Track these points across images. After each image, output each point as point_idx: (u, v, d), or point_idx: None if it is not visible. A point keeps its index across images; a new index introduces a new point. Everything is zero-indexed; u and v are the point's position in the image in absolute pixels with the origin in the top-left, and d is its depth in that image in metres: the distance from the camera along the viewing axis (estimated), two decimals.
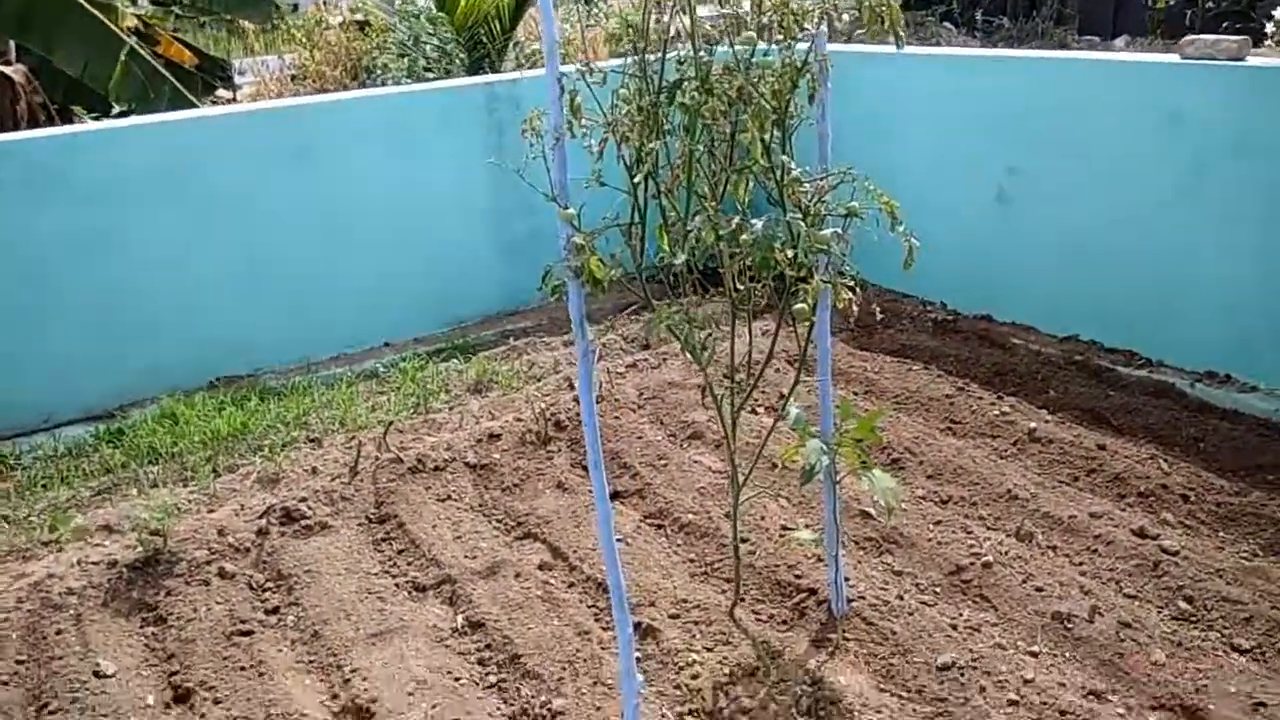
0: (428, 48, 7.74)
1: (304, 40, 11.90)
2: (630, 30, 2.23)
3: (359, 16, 12.35)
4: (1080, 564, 3.40)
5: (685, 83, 2.11)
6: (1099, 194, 4.80)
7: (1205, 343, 4.51)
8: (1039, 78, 5.08)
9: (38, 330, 4.65)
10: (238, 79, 12.41)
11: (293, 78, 11.25)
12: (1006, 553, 3.43)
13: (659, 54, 2.17)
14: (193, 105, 7.46)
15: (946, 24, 15.56)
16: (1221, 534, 3.48)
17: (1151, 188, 4.58)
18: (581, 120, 2.10)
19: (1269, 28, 6.05)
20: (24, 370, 4.65)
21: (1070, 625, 3.07)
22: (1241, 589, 3.15)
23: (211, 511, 3.96)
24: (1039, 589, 3.24)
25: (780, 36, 2.11)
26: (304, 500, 3.96)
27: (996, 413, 4.37)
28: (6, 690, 3.03)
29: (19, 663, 3.15)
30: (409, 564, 3.65)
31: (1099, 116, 4.73)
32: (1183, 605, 3.13)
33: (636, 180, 2.16)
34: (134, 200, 4.79)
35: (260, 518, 3.86)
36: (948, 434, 4.28)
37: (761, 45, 2.25)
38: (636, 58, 2.19)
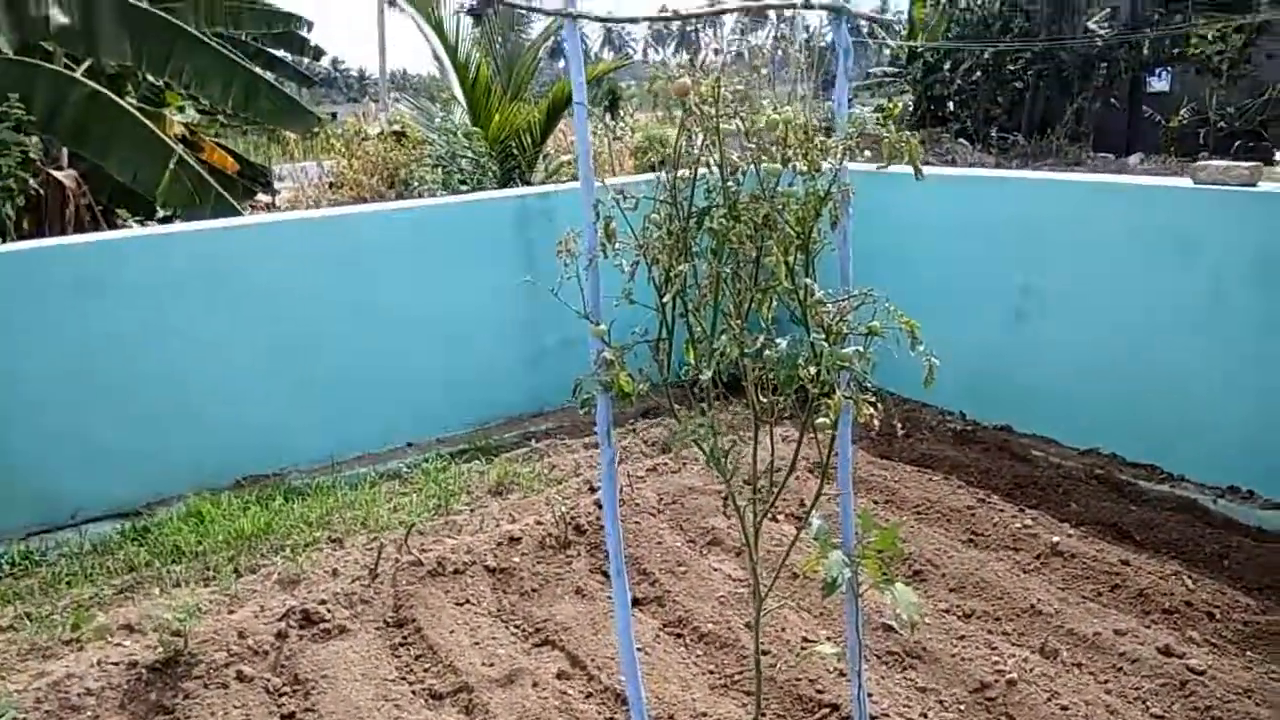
0: (463, 161, 8.05)
1: (342, 149, 12.41)
2: (657, 145, 2.35)
3: (396, 128, 12.88)
4: (1106, 682, 3.35)
5: (714, 209, 2.22)
6: (1116, 311, 4.89)
7: (1227, 459, 4.52)
8: (1054, 199, 5.24)
9: (75, 428, 4.75)
10: (277, 184, 12.90)
11: (330, 185, 11.69)
12: (1031, 670, 3.39)
13: (689, 180, 2.29)
14: (236, 211, 7.76)
15: (962, 140, 16.00)
16: (1249, 653, 3.43)
17: (1169, 307, 4.67)
18: (615, 243, 2.20)
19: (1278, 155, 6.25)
20: (58, 467, 4.74)
21: None
22: (1271, 711, 3.09)
23: (232, 612, 3.98)
24: (1064, 708, 3.19)
25: (804, 167, 2.22)
26: (324, 602, 3.97)
27: (1019, 525, 4.36)
28: None
29: None
30: (426, 670, 3.64)
31: (1114, 238, 4.86)
32: None
33: (665, 300, 2.25)
34: (172, 303, 4.96)
35: (280, 620, 3.86)
36: (970, 546, 4.27)
37: (787, 174, 2.37)
38: (667, 184, 2.31)
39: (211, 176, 8.21)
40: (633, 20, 2.52)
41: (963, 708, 3.26)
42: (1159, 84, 17.82)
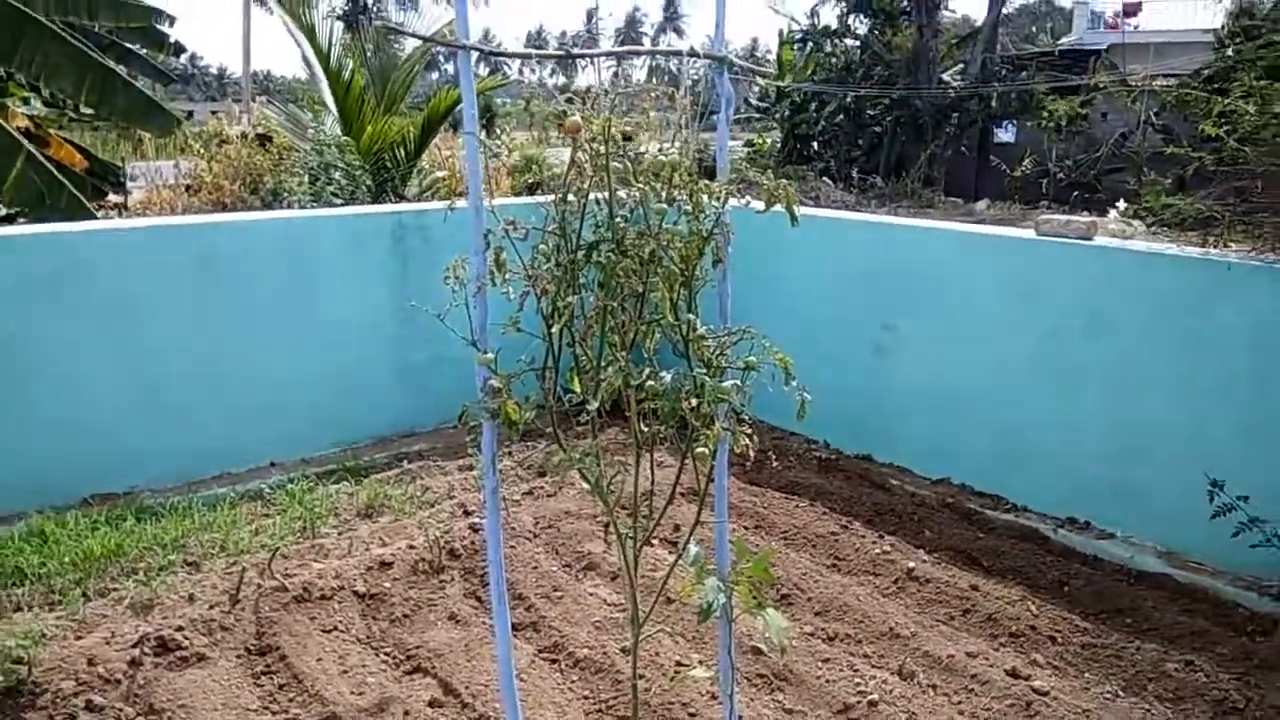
0: (336, 173, 7.86)
1: (201, 151, 11.89)
2: (534, 165, 2.39)
3: (260, 131, 12.44)
4: (959, 703, 3.54)
5: (602, 244, 2.28)
6: (968, 350, 5.21)
7: (1064, 491, 4.86)
8: (916, 243, 5.55)
9: None
10: (129, 185, 12.22)
11: (188, 188, 11.16)
12: (891, 691, 3.55)
13: (576, 212, 2.34)
14: (89, 212, 7.34)
15: (825, 179, 16.68)
16: (1087, 674, 3.69)
17: (1015, 348, 5.01)
18: (505, 273, 2.23)
19: (1112, 212, 6.84)
20: None
21: None
22: None
23: (80, 639, 3.75)
24: None
25: (690, 207, 2.31)
26: (180, 629, 3.80)
27: (878, 551, 4.57)
28: None
29: None
30: (290, 700, 3.52)
31: (969, 282, 5.19)
32: None
33: (555, 329, 2.29)
34: (13, 309, 4.65)
35: (133, 647, 3.67)
36: (833, 570, 4.45)
37: (671, 214, 2.45)
38: (555, 215, 2.35)
39: (63, 174, 7.74)
40: (526, 55, 2.56)
41: None
42: (1005, 135, 19.12)
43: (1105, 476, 4.70)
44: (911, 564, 4.42)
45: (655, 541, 4.60)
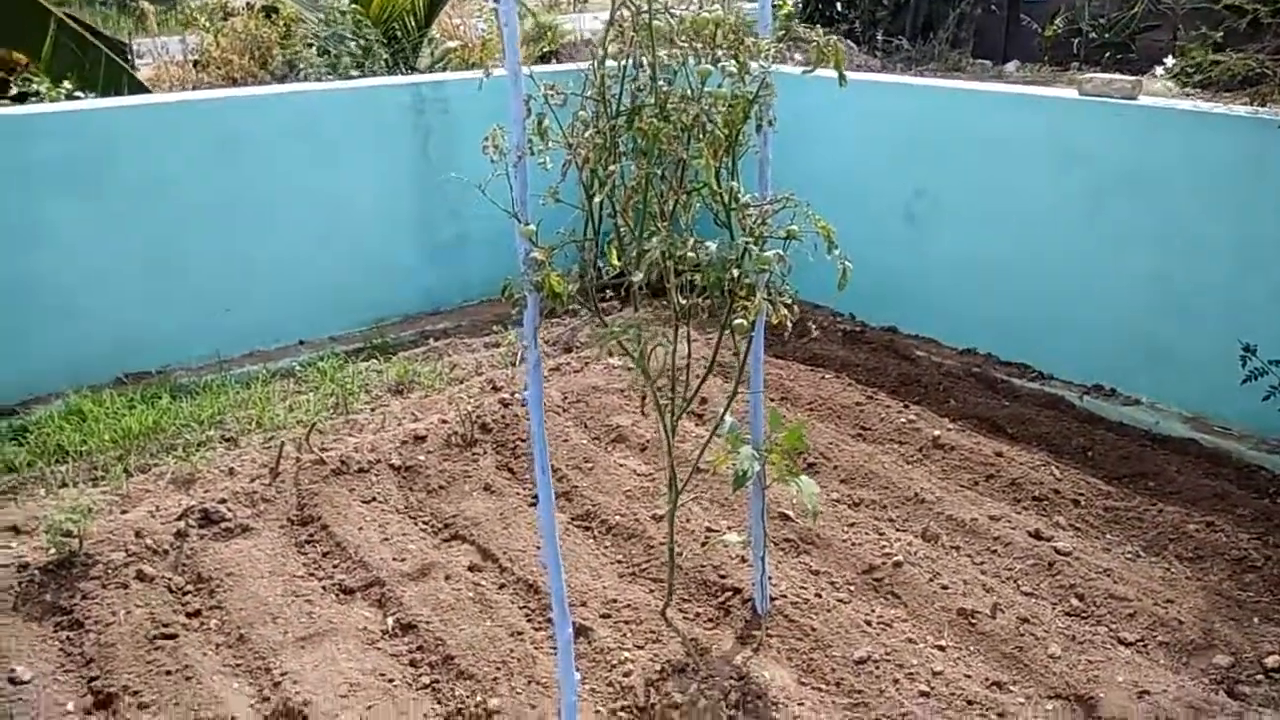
0: (352, 44, 7.61)
1: (206, 25, 11.52)
2: (548, 33, 2.31)
3: (265, 2, 12.01)
4: (982, 564, 3.64)
5: (644, 109, 2.21)
6: (999, 217, 5.12)
7: (1092, 358, 4.86)
8: (948, 106, 5.38)
9: None
10: (136, 62, 11.89)
11: (195, 64, 10.86)
12: (915, 553, 3.65)
13: (617, 77, 2.26)
14: (130, 75, 7.14)
15: (849, 42, 16.07)
16: (1108, 535, 3.78)
17: (1048, 212, 4.91)
18: (548, 142, 2.17)
19: (1158, 70, 6.57)
20: None
21: (974, 621, 3.30)
22: (1127, 587, 3.43)
23: (125, 513, 3.87)
24: (945, 587, 3.46)
25: (734, 69, 2.23)
26: (223, 502, 3.90)
27: (903, 420, 4.62)
28: None
29: None
30: (335, 567, 3.65)
31: (1003, 145, 5.05)
32: (1075, 602, 3.40)
33: (597, 200, 2.25)
34: (42, 187, 4.61)
35: (178, 519, 3.78)
36: (859, 440, 4.50)
37: (715, 75, 2.37)
38: (595, 80, 2.28)
39: (97, 39, 7.49)
40: None
41: (853, 588, 3.50)
42: None
43: (1135, 343, 4.69)
44: (936, 432, 4.47)
45: (691, 416, 4.65)
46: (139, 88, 7.00)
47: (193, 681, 3.02)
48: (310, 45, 7.95)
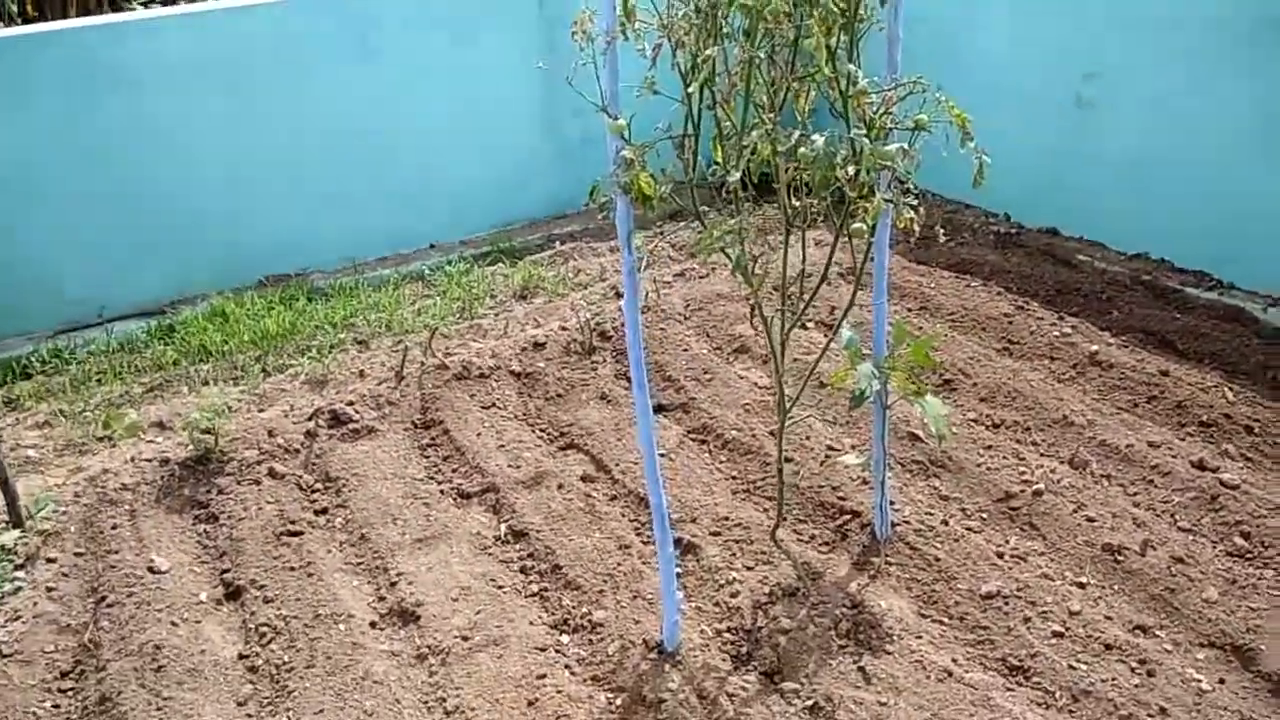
0: None
1: None
2: None
3: None
4: (1135, 495, 3.30)
5: None
6: (1184, 106, 4.51)
7: None
8: None
9: (89, 221, 4.67)
10: None
11: None
12: (1059, 481, 3.35)
13: None
14: None
15: None
16: None
17: (1243, 104, 4.29)
18: (635, 23, 1.97)
19: None
20: (76, 264, 4.69)
21: (1121, 558, 3.00)
22: None
23: (261, 412, 4.01)
24: (1090, 519, 3.16)
25: None
26: (351, 403, 3.99)
27: (1057, 334, 4.22)
28: (67, 581, 3.14)
29: (77, 555, 3.25)
30: (454, 471, 3.68)
31: (1194, 20, 4.40)
32: (1239, 541, 3.04)
33: (691, 89, 2.03)
34: (183, 92, 4.73)
35: (309, 419, 3.89)
36: (1004, 355, 4.16)
37: None
38: None
39: None
40: None
41: (985, 516, 3.25)
42: None
43: None
44: (1094, 347, 4.07)
45: (810, 325, 4.42)
46: None
47: (314, 578, 3.12)
48: None
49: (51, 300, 4.66)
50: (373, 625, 2.94)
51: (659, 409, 3.89)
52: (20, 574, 3.14)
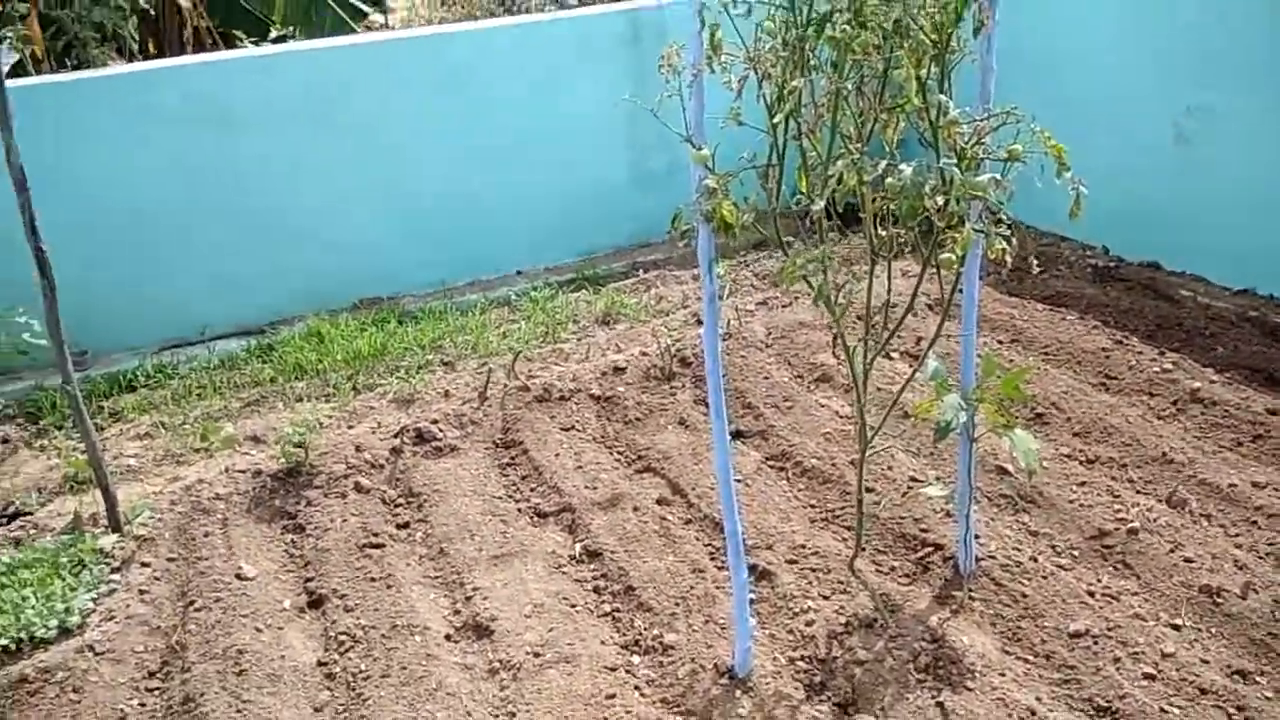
0: None
1: None
2: None
3: None
4: (1236, 536, 3.16)
5: (836, 14, 1.97)
6: None
7: None
8: (1227, 3, 4.59)
9: (196, 247, 4.91)
10: (390, 2, 12.59)
11: (442, 2, 11.34)
12: (1155, 519, 3.22)
13: None
14: (352, 29, 7.62)
15: None
16: None
17: None
18: (722, 56, 1.99)
19: None
20: (185, 285, 4.92)
21: (1220, 600, 2.87)
22: None
23: (350, 428, 4.13)
24: (1188, 560, 3.03)
25: None
26: (436, 422, 4.08)
27: (1157, 369, 4.08)
28: (159, 585, 3.27)
29: (170, 560, 3.39)
30: (532, 490, 3.73)
31: None
32: None
33: (776, 120, 2.05)
34: (287, 125, 4.96)
35: (395, 437, 3.99)
36: (1100, 390, 4.03)
37: None
38: None
39: None
40: None
41: (1076, 553, 3.15)
42: None
43: None
44: (1196, 384, 3.91)
45: (896, 355, 4.36)
46: None
47: (392, 590, 3.19)
48: None
49: (157, 318, 4.90)
50: (447, 638, 2.99)
51: (736, 435, 3.89)
52: (116, 576, 3.29)
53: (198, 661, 2.93)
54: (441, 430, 4.05)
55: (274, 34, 8.04)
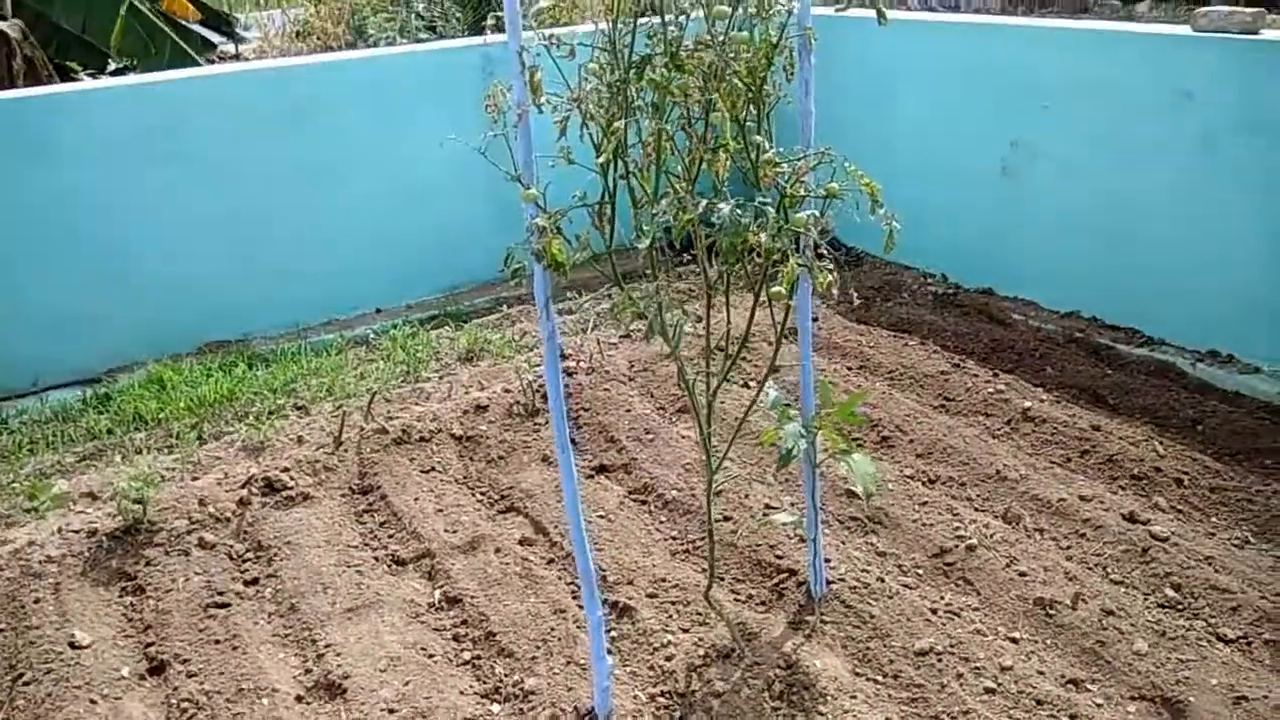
0: (420, 6, 7.57)
1: None
2: None
3: None
4: (1067, 548, 3.34)
5: (655, 57, 2.03)
6: (1106, 168, 4.68)
7: (1208, 321, 4.41)
8: (1047, 47, 4.94)
9: (23, 292, 4.62)
10: (243, 33, 12.23)
11: (297, 34, 11.09)
12: (992, 535, 3.38)
13: (629, 26, 2.08)
14: (194, 62, 7.37)
15: None
16: (1213, 519, 3.42)
17: (1159, 164, 4.46)
18: (541, 97, 2.01)
19: None
20: (11, 332, 4.62)
21: (1053, 612, 3.03)
22: (1230, 577, 3.09)
23: (195, 480, 3.95)
24: (1023, 574, 3.19)
25: (754, 9, 2.01)
26: (287, 470, 3.94)
27: (991, 390, 4.30)
28: None
29: None
30: (390, 537, 3.63)
31: (1107, 90, 4.60)
32: (1169, 593, 3.08)
33: (601, 159, 2.08)
34: (121, 161, 4.73)
35: (242, 487, 3.84)
36: (940, 411, 4.22)
37: (741, 16, 2.15)
38: (608, 30, 2.10)
39: (168, 26, 7.77)
40: None
41: (921, 572, 3.27)
42: None
43: (1256, 304, 4.22)
44: (1028, 403, 4.14)
45: (754, 384, 4.46)
46: None
47: (239, 651, 3.05)
48: (382, 9, 7.94)
49: None
50: (298, 699, 2.87)
51: (599, 470, 3.89)
52: None
53: None
54: (293, 478, 3.91)
55: (112, 66, 7.70)
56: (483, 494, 3.88)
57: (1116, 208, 4.67)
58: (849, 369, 4.60)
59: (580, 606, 3.15)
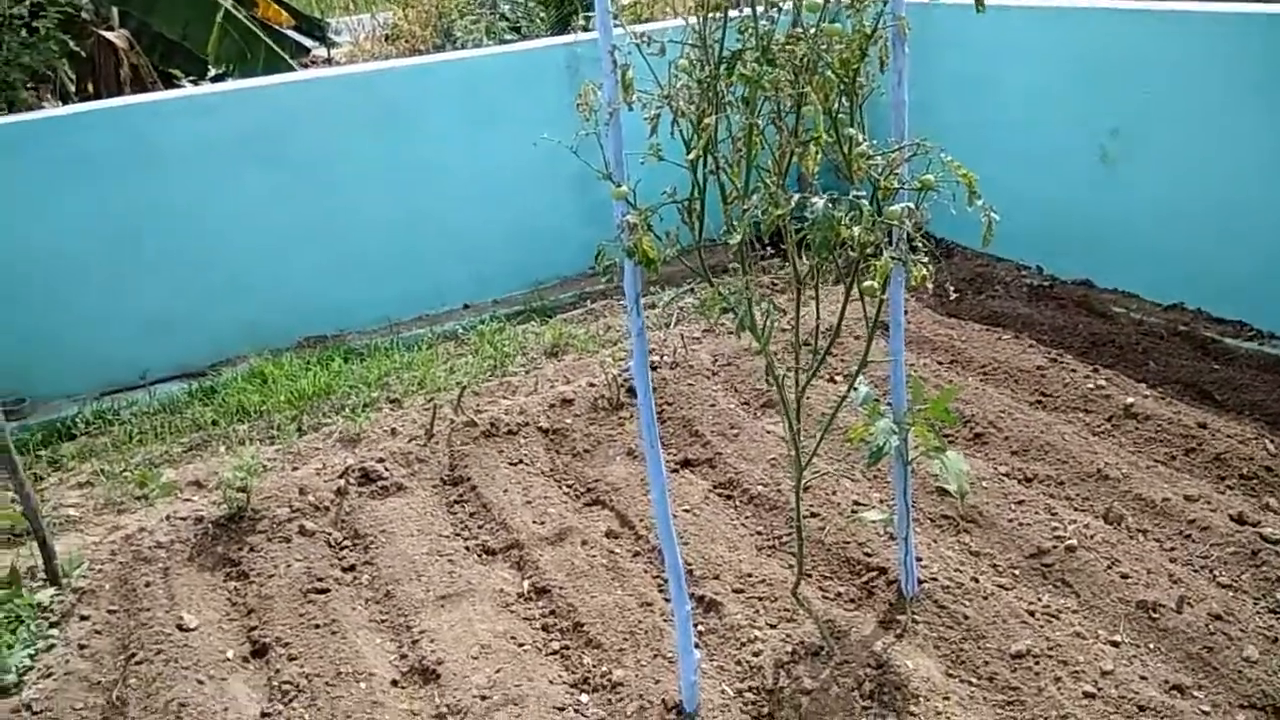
0: (505, 8, 7.65)
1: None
2: None
3: None
4: (1172, 550, 3.22)
5: (746, 52, 2.01)
6: (1211, 153, 4.47)
7: None
8: (1151, 28, 4.74)
9: (133, 291, 4.84)
10: (334, 38, 12.56)
11: (386, 38, 11.34)
12: (1093, 536, 3.27)
13: (720, 21, 2.07)
14: (289, 67, 7.60)
15: None
16: None
17: (1270, 149, 4.24)
18: (633, 96, 2.02)
19: None
20: (122, 329, 4.85)
21: (1156, 615, 2.92)
22: None
23: (295, 470, 4.09)
24: (1125, 576, 3.08)
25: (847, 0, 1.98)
26: (382, 461, 4.05)
27: (1091, 386, 4.16)
28: (99, 639, 3.20)
29: (110, 612, 3.32)
30: (480, 527, 3.70)
31: (1213, 71, 4.39)
32: None
33: (692, 155, 2.08)
34: (224, 165, 4.92)
35: (340, 477, 3.95)
36: (1037, 408, 4.10)
37: (833, 7, 2.12)
38: (698, 26, 2.10)
39: (263, 32, 8.02)
40: None
41: (1016, 572, 3.19)
42: None
43: None
44: (1130, 399, 4.00)
45: (840, 379, 4.41)
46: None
47: (337, 636, 3.14)
48: (469, 13, 8.05)
49: (96, 364, 4.81)
50: (394, 683, 2.95)
51: (685, 464, 3.89)
52: (54, 631, 3.21)
53: (139, 716, 2.87)
54: (388, 469, 4.02)
55: (212, 72, 7.99)
56: (569, 486, 3.92)
57: (1223, 196, 4.46)
58: (940, 364, 4.51)
59: (666, 600, 3.16)
